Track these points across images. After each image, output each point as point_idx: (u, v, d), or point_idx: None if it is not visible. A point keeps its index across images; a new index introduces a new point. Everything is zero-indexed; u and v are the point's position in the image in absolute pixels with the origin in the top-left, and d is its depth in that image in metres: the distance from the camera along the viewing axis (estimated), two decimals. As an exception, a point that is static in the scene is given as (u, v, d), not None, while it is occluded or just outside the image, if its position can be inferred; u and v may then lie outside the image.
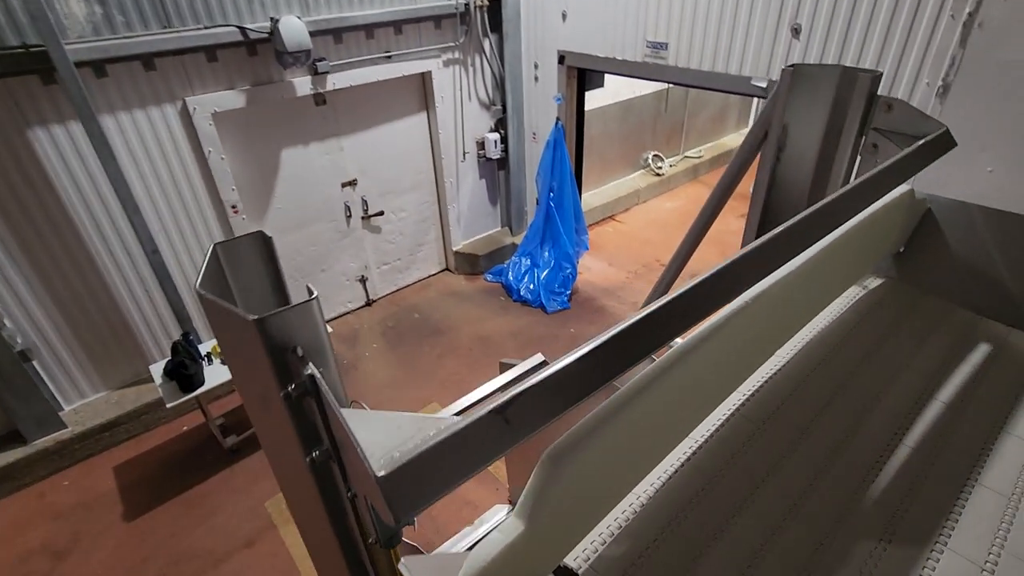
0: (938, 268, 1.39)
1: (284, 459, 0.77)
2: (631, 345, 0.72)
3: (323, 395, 0.60)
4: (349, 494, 0.70)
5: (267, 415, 0.75)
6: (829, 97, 1.60)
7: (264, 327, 0.59)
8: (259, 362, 0.62)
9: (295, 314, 0.62)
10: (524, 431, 0.63)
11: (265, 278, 0.92)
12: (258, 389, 0.72)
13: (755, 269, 0.86)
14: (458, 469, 0.58)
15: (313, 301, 0.65)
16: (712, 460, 0.94)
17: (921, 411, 1.04)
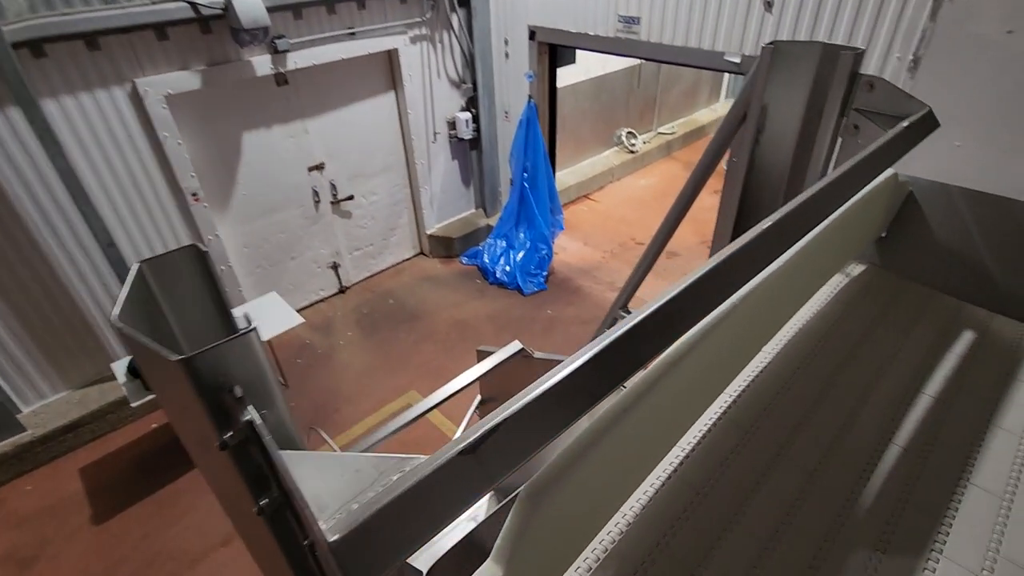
0: (920, 253, 1.36)
1: (232, 504, 0.70)
2: (615, 364, 0.66)
3: (268, 445, 0.52)
4: (306, 542, 0.63)
5: (209, 458, 0.67)
6: (809, 76, 1.55)
7: (193, 367, 0.51)
8: (191, 406, 0.54)
9: (230, 349, 0.54)
10: (499, 471, 0.56)
11: (204, 298, 0.82)
12: (195, 432, 0.64)
13: (744, 269, 0.80)
14: (424, 523, 0.51)
15: (251, 333, 0.57)
16: (700, 471, 0.89)
17: (909, 407, 1.01)
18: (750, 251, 0.81)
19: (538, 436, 0.59)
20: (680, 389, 0.82)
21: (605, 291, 6.08)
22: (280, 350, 5.04)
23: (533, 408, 0.59)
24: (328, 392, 4.92)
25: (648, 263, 2.19)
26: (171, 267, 0.77)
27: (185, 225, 4.64)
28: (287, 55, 4.61)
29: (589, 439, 0.64)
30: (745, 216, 1.90)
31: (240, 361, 0.56)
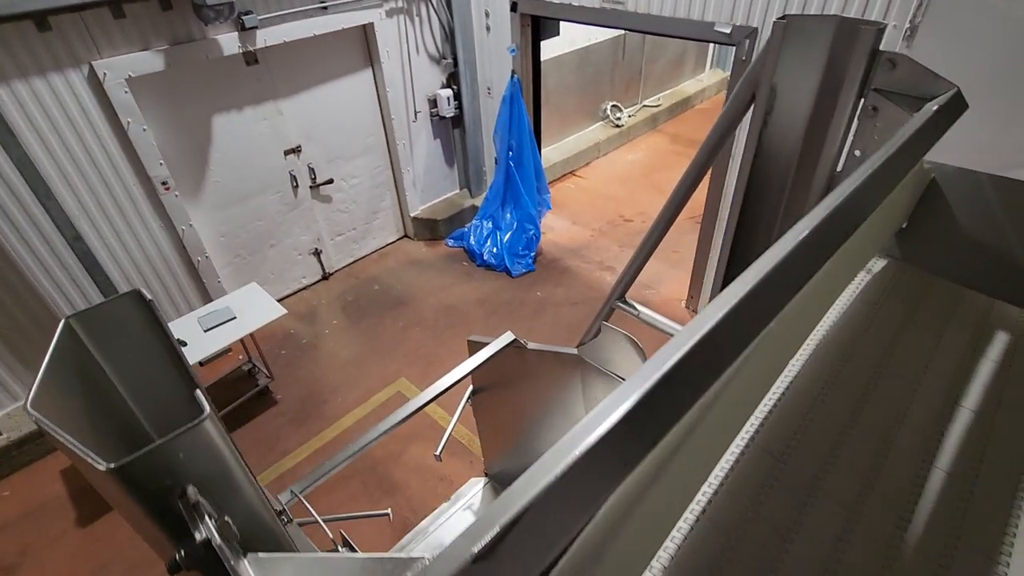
0: (945, 246, 1.27)
1: None
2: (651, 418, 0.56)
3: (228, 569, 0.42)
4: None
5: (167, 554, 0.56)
6: (824, 53, 1.43)
7: (129, 476, 0.40)
8: (135, 514, 0.43)
9: (177, 445, 0.43)
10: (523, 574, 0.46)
11: (153, 351, 0.70)
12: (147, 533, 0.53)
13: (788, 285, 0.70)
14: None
15: (204, 422, 0.46)
16: (731, 510, 0.80)
17: (949, 424, 0.93)
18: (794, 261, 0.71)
19: (566, 524, 0.49)
20: (711, 424, 0.73)
21: (594, 271, 6.00)
22: (263, 342, 4.89)
23: (557, 489, 0.48)
24: (315, 383, 4.81)
25: (648, 251, 2.09)
26: (109, 319, 0.64)
27: (156, 216, 4.42)
28: (256, 32, 4.35)
29: (620, 513, 0.55)
30: (751, 203, 1.80)
31: (193, 456, 0.45)
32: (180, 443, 0.44)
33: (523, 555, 0.46)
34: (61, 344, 0.59)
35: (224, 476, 0.49)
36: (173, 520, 0.46)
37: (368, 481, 4.03)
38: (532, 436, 3.33)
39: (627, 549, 0.58)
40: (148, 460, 0.42)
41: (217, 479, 0.48)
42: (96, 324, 0.64)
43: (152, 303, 0.67)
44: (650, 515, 0.65)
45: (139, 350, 0.68)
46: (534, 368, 2.91)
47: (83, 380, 0.62)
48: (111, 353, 0.65)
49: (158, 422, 0.70)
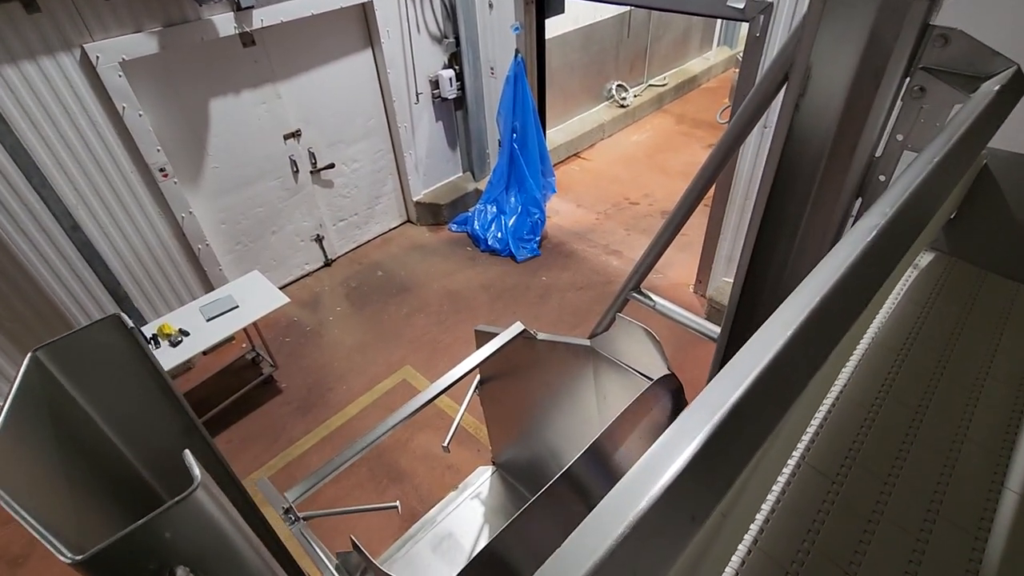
0: (999, 238, 1.19)
1: None
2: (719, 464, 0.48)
3: None
4: None
5: None
6: (866, 29, 1.32)
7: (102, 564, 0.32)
8: None
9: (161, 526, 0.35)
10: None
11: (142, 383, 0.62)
12: None
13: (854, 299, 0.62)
14: None
15: (196, 492, 0.38)
16: (785, 543, 0.73)
17: (1017, 437, 0.86)
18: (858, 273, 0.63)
19: None
20: (772, 455, 0.65)
21: (600, 254, 5.90)
22: (266, 330, 4.83)
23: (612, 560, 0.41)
24: (319, 371, 4.76)
25: (666, 239, 2.00)
26: (84, 349, 0.56)
27: (155, 204, 4.33)
28: (252, 12, 4.20)
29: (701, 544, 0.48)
30: (779, 190, 1.70)
31: (182, 532, 0.38)
32: (165, 521, 0.37)
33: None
34: (26, 383, 0.51)
35: (222, 549, 0.42)
36: None
37: (375, 469, 4.00)
38: (541, 426, 3.28)
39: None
40: (124, 545, 0.35)
41: (214, 554, 0.41)
42: (70, 356, 0.56)
43: (133, 329, 0.59)
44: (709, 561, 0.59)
45: (122, 381, 0.60)
46: (544, 358, 2.84)
47: (55, 422, 0.54)
48: (89, 387, 0.58)
49: (149, 459, 0.63)
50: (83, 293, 4.20)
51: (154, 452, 0.62)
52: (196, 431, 0.70)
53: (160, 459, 0.65)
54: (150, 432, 0.53)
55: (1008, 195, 1.18)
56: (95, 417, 0.59)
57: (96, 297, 4.27)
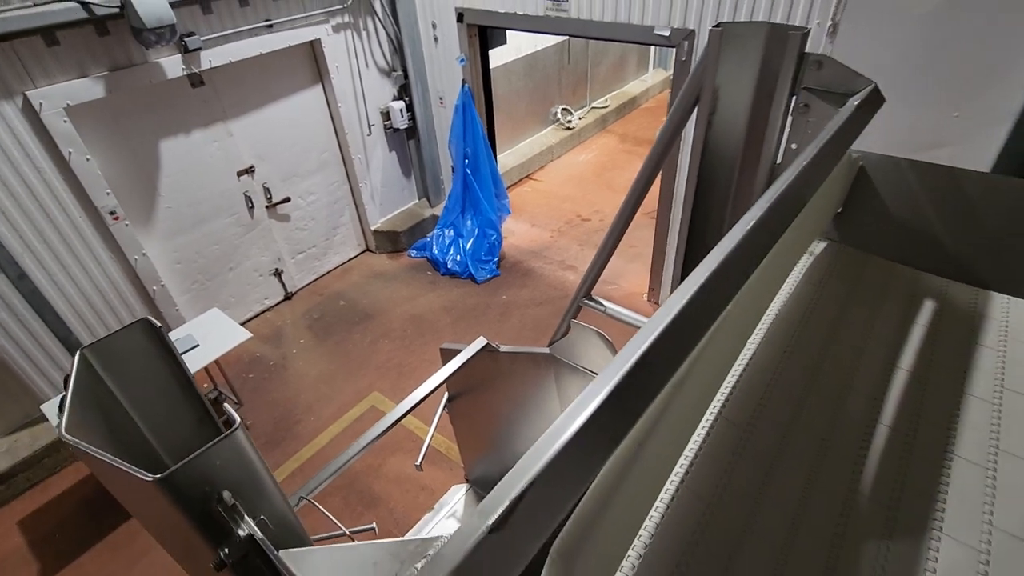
0: (876, 226, 1.41)
1: None
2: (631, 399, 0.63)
3: (271, 556, 0.46)
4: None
5: (196, 562, 0.60)
6: (757, 57, 1.55)
7: (173, 484, 0.44)
8: (175, 523, 0.47)
9: (214, 454, 0.47)
10: (532, 544, 0.52)
11: (164, 377, 0.73)
12: (179, 543, 0.56)
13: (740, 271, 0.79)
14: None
15: (237, 432, 0.50)
16: (706, 480, 0.89)
17: (889, 385, 1.05)
18: (743, 250, 0.80)
19: (568, 492, 0.55)
20: (684, 402, 0.81)
21: (557, 270, 6.11)
22: (229, 367, 4.77)
23: (558, 464, 0.55)
24: (286, 404, 4.73)
25: (609, 249, 2.18)
26: (120, 348, 0.67)
27: (106, 247, 4.27)
28: (199, 53, 4.27)
29: (611, 483, 0.62)
30: (702, 198, 1.91)
31: (227, 464, 0.49)
32: (217, 452, 0.48)
33: (530, 524, 0.52)
34: (80, 374, 0.61)
35: (254, 481, 0.53)
36: (211, 524, 0.49)
37: (348, 496, 4.00)
38: (510, 437, 3.38)
39: (618, 518, 0.64)
40: (189, 469, 0.46)
41: (248, 484, 0.52)
42: (107, 354, 0.66)
43: (160, 329, 0.69)
44: (636, 487, 0.73)
45: (148, 376, 0.70)
46: (508, 370, 2.97)
47: (101, 409, 0.64)
48: (123, 381, 0.67)
49: (169, 445, 0.71)
50: (32, 345, 4.08)
51: (172, 440, 0.71)
52: (210, 421, 0.78)
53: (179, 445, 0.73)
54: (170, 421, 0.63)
55: (881, 190, 1.41)
56: (126, 407, 0.68)
57: (46, 347, 4.16)
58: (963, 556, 0.80)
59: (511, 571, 0.50)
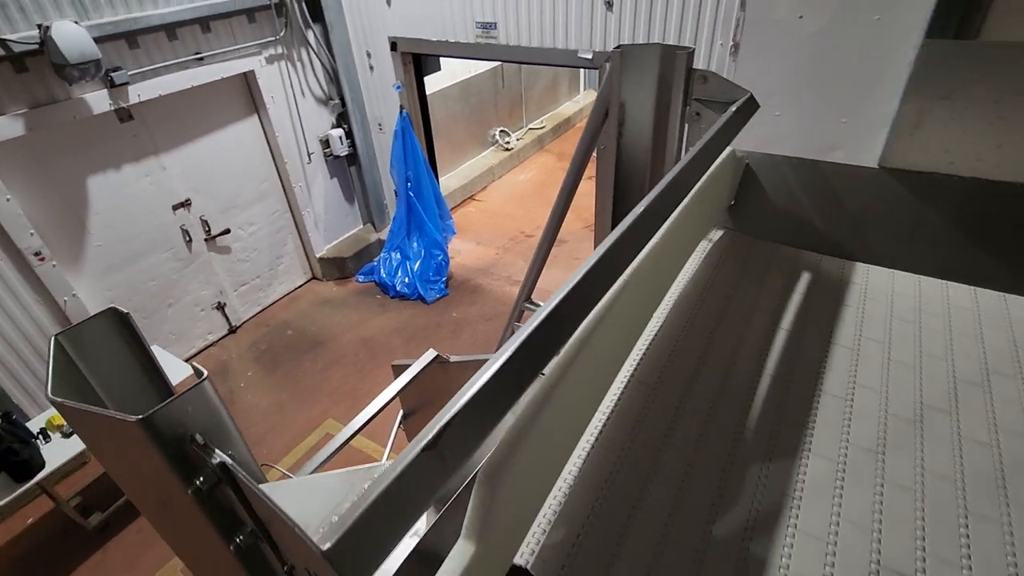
0: (762, 214, 1.63)
1: (200, 553, 0.70)
2: (539, 349, 0.77)
3: (240, 480, 0.55)
4: (285, 568, 0.67)
5: (170, 514, 0.68)
6: (654, 74, 1.76)
7: (152, 425, 0.52)
8: (153, 464, 0.55)
9: (187, 401, 0.56)
10: (459, 461, 0.64)
11: (131, 362, 0.80)
12: (154, 492, 0.64)
13: (631, 247, 0.95)
14: (402, 519, 0.58)
15: (205, 382, 0.59)
16: (619, 431, 1.03)
17: (772, 342, 1.23)
18: (633, 231, 0.96)
19: (486, 422, 0.68)
20: (594, 360, 0.95)
21: (504, 285, 6.27)
22: (172, 406, 4.61)
23: (478, 399, 0.68)
24: (236, 440, 4.61)
25: (543, 256, 2.35)
26: (90, 335, 0.73)
27: (31, 290, 4.10)
28: (127, 88, 4.22)
29: (527, 419, 0.74)
30: (620, 200, 2.11)
31: (198, 411, 0.58)
32: (188, 398, 0.57)
33: (456, 445, 0.64)
34: (56, 359, 0.68)
35: (222, 428, 0.62)
36: (186, 463, 0.58)
37: (307, 527, 3.93)
38: (467, 447, 3.44)
39: (536, 452, 0.77)
40: (166, 412, 0.55)
41: (216, 430, 0.61)
42: (79, 341, 0.72)
43: (128, 316, 0.76)
44: (553, 429, 0.86)
45: (117, 363, 0.77)
46: (459, 379, 3.03)
47: (78, 390, 0.70)
48: (95, 367, 0.74)
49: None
50: (-49, 396, 3.84)
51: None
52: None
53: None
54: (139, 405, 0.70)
55: (763, 183, 1.63)
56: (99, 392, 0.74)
57: (-32, 398, 3.91)
58: (825, 468, 0.97)
59: (442, 481, 0.62)
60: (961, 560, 0.83)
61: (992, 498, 0.91)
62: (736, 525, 0.88)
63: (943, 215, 1.39)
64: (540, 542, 0.86)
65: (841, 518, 0.89)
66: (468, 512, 0.68)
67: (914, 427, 1.03)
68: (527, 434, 0.74)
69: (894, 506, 0.91)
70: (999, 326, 1.26)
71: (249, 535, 0.63)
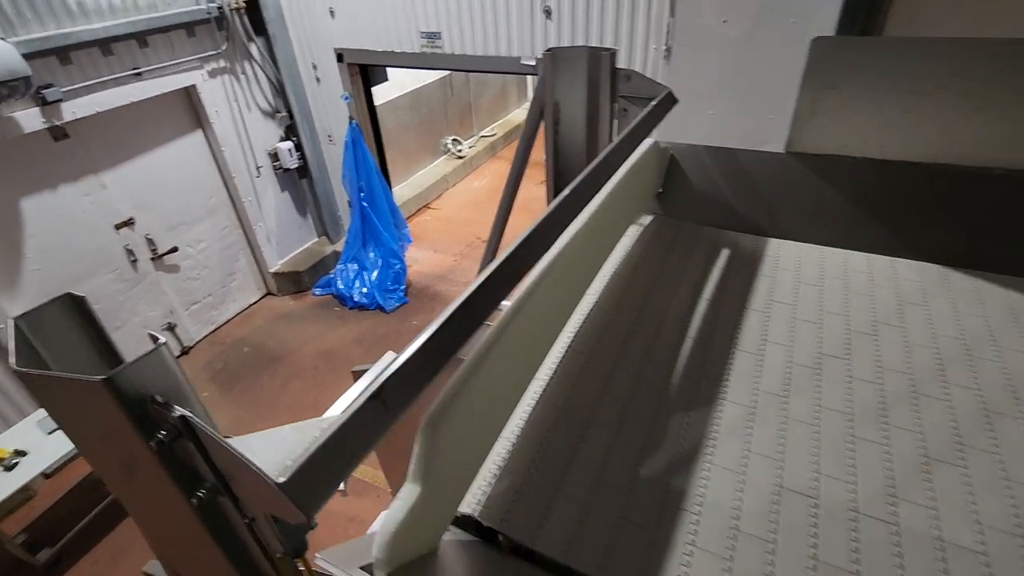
0: (687, 199, 1.77)
1: (162, 515, 0.75)
2: (473, 311, 0.86)
3: (199, 430, 0.61)
4: (246, 521, 0.73)
5: (133, 479, 0.72)
6: (584, 74, 1.89)
7: (116, 385, 0.57)
8: (116, 424, 0.60)
9: (147, 364, 0.61)
10: (400, 409, 0.72)
11: (86, 344, 0.83)
12: (117, 456, 0.69)
13: (559, 223, 1.05)
14: (350, 457, 0.65)
15: (162, 347, 0.65)
16: (559, 392, 1.13)
17: (694, 310, 1.36)
18: (561, 210, 1.07)
19: (426, 373, 0.77)
20: (531, 328, 1.05)
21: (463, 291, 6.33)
22: (124, 432, 4.46)
23: (419, 354, 0.76)
24: (194, 462, 4.50)
25: (491, 252, 2.44)
26: (47, 319, 0.77)
27: (-35, 317, 3.91)
28: (60, 105, 4.10)
29: (466, 375, 0.83)
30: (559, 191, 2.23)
31: (157, 374, 0.63)
32: (147, 361, 0.63)
33: (399, 395, 0.72)
34: (18, 338, 0.71)
35: (180, 389, 0.67)
36: (148, 422, 0.64)
37: (273, 543, 3.88)
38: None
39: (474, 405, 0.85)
40: (127, 373, 0.60)
41: (175, 392, 0.66)
42: (37, 325, 0.76)
43: (84, 300, 0.80)
44: (493, 392, 0.95)
45: (75, 345, 0.80)
46: (419, 379, 3.10)
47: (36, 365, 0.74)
48: (53, 350, 0.77)
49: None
50: None
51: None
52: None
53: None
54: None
55: (686, 171, 1.78)
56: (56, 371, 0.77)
57: None
58: (738, 412, 1.10)
59: (385, 426, 0.70)
60: (848, 477, 0.96)
61: (875, 425, 1.06)
62: (661, 465, 0.99)
63: (840, 192, 1.57)
64: (486, 493, 0.95)
65: (751, 452, 1.01)
66: (412, 458, 0.76)
67: (814, 372, 1.17)
68: (466, 389, 0.82)
69: (795, 438, 1.04)
70: (888, 285, 1.43)
71: (210, 489, 0.69)
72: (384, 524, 0.73)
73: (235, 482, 0.69)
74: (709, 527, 0.89)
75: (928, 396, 1.10)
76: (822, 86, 1.53)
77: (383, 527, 0.73)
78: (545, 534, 0.90)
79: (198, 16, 4.79)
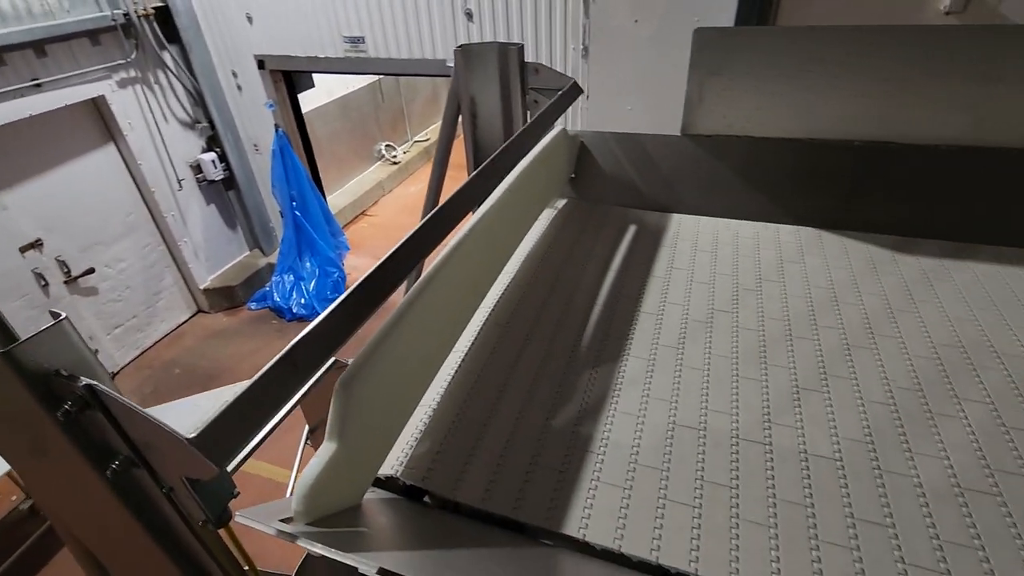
0: (598, 182, 1.89)
1: (77, 497, 0.75)
2: (386, 278, 0.92)
3: (108, 398, 0.63)
4: (164, 490, 0.75)
5: (44, 464, 0.73)
6: (495, 69, 1.98)
7: (15, 359, 0.59)
8: (19, 401, 0.61)
9: (48, 337, 0.63)
10: (312, 370, 0.77)
11: None
12: (26, 440, 0.69)
13: (468, 200, 1.13)
14: (262, 414, 0.70)
15: (64, 321, 0.66)
16: (477, 361, 1.21)
17: (603, 281, 1.47)
18: (468, 189, 1.14)
19: (337, 338, 0.82)
20: (445, 303, 1.11)
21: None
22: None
23: (331, 319, 0.82)
24: (127, 491, 4.26)
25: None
26: None
27: None
28: (-49, 121, 3.82)
29: (379, 340, 0.89)
30: (484, 186, 2.31)
31: (60, 348, 0.65)
32: (50, 334, 0.64)
33: (309, 357, 0.77)
34: None
35: (86, 363, 0.69)
36: (52, 397, 0.65)
37: (218, 565, 3.74)
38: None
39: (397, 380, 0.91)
40: (27, 346, 0.61)
41: (81, 366, 0.68)
42: None
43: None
44: (410, 359, 1.01)
45: None
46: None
47: None
48: None
49: None
50: None
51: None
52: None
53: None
54: None
55: (595, 156, 1.90)
56: None
57: None
58: (639, 364, 1.21)
59: (297, 385, 0.75)
60: (731, 411, 1.09)
61: (756, 365, 1.19)
62: (570, 415, 1.08)
63: (729, 169, 1.73)
64: (408, 455, 1.01)
65: (649, 397, 1.12)
66: (329, 416, 0.81)
67: (705, 326, 1.31)
68: (379, 355, 0.88)
69: (687, 382, 1.16)
70: (771, 247, 1.60)
71: (123, 461, 0.71)
72: (302, 478, 0.78)
73: (150, 451, 0.72)
74: (612, 463, 0.99)
75: (801, 338, 1.26)
76: (707, 72, 1.68)
77: (301, 480, 0.78)
78: (464, 486, 0.97)
79: (102, 24, 4.57)
